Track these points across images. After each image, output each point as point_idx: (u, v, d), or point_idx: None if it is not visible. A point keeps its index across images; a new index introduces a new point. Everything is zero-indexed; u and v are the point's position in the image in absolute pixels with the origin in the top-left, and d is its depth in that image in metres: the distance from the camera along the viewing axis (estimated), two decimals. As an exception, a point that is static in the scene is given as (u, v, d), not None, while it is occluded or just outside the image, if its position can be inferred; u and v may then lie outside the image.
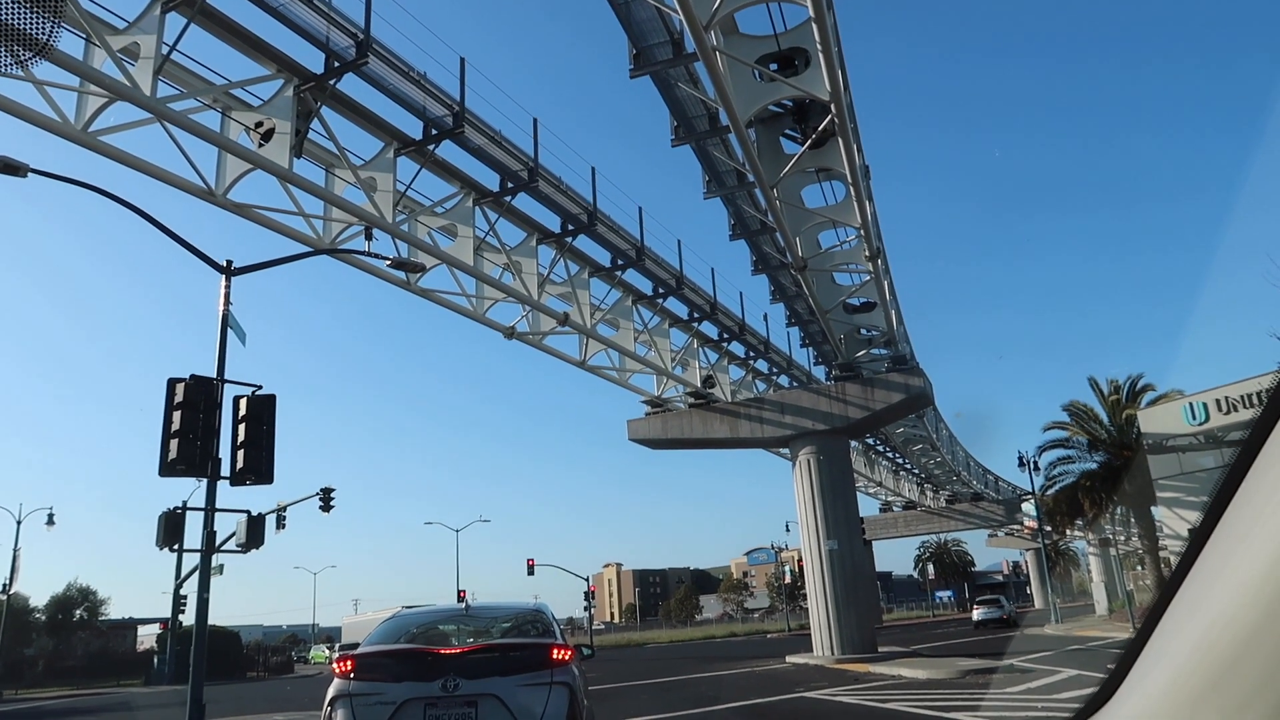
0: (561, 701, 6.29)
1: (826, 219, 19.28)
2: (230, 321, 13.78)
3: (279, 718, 17.77)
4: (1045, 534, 46.14)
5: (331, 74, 13.96)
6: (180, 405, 12.30)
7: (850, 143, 15.49)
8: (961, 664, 20.48)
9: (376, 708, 6.13)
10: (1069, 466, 38.71)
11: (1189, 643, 1.14)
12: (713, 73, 12.72)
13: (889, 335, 25.96)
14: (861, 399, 27.51)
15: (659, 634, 78.63)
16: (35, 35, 2.81)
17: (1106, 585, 52.48)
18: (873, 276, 21.57)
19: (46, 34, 2.88)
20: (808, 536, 27.31)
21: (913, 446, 48.38)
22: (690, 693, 19.13)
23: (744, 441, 30.36)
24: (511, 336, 22.04)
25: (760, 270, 24.75)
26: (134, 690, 41.48)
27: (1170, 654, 1.19)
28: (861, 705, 14.68)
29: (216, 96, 14.01)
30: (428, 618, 8.06)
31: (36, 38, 2.83)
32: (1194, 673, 1.12)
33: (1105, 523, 39.22)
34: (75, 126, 12.12)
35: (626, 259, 22.08)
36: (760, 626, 78.61)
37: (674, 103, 17.15)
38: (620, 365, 26.33)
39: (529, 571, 52.87)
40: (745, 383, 31.49)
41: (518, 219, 19.80)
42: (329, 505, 38.45)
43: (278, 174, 14.19)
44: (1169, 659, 1.19)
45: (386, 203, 15.85)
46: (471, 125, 16.08)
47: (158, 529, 13.38)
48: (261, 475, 12.93)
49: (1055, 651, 24.19)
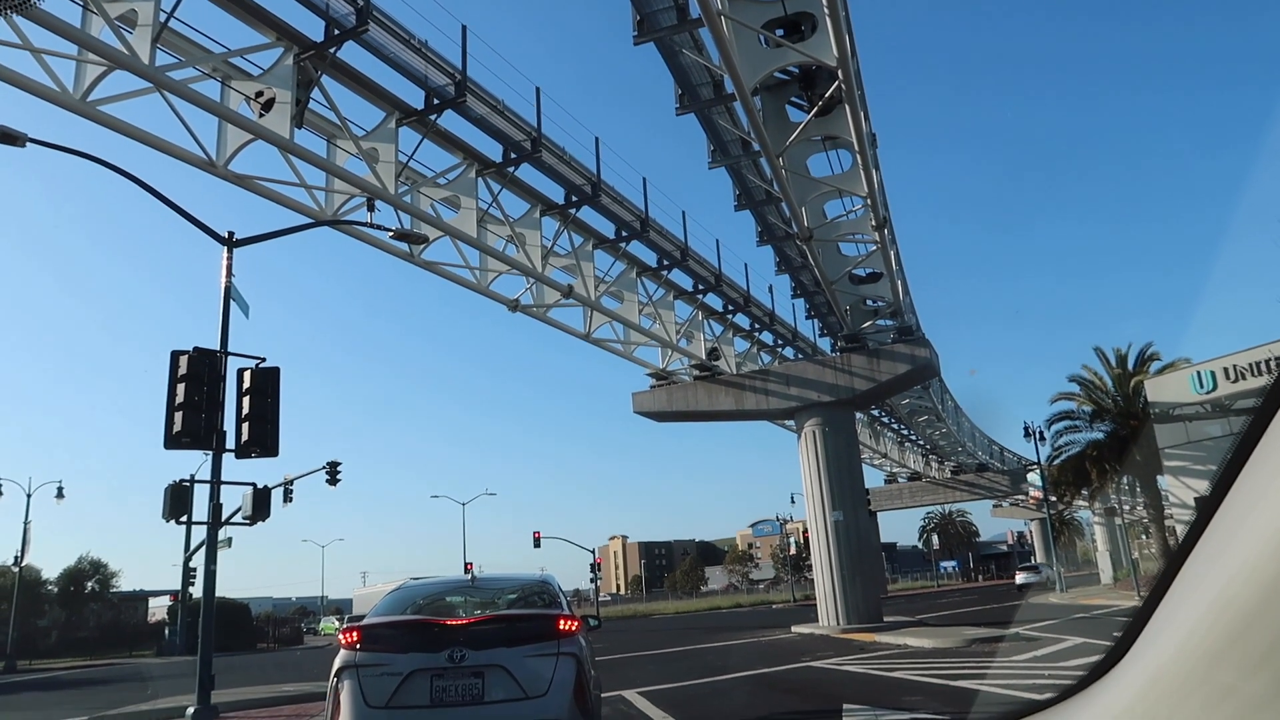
0: (568, 672, 6.27)
1: (833, 188, 19.08)
2: (233, 293, 13.72)
3: (288, 688, 17.92)
4: (1050, 504, 46.21)
5: (331, 42, 13.76)
6: (184, 378, 12.28)
7: (857, 110, 15.28)
8: (967, 633, 20.56)
9: (383, 679, 6.12)
10: (1075, 436, 38.65)
11: (1198, 608, 1.12)
12: (718, 38, 12.51)
13: (895, 306, 25.81)
14: (867, 370, 27.43)
15: (665, 605, 79.25)
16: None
17: (1111, 554, 52.69)
18: (879, 246, 21.39)
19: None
20: (813, 508, 27.36)
21: (918, 418, 48.34)
22: (696, 662, 19.25)
23: (749, 414, 30.33)
24: (516, 309, 21.95)
25: (766, 241, 24.56)
26: (146, 661, 41.97)
27: (1179, 620, 1.17)
28: (868, 674, 14.74)
29: (216, 65, 13.84)
30: (434, 589, 8.05)
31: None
32: (1204, 638, 1.10)
33: (1111, 492, 39.28)
34: (74, 95, 11.99)
35: (631, 230, 21.92)
36: (765, 598, 79.16)
37: (678, 70, 16.90)
38: (625, 338, 26.25)
39: (535, 544, 53.22)
40: (750, 355, 31.41)
41: (521, 190, 19.63)
42: (335, 479, 38.62)
43: (279, 144, 14.04)
44: (1178, 625, 1.17)
45: (389, 174, 15.70)
46: (474, 94, 15.88)
47: (164, 501, 13.43)
48: (267, 448, 12.94)
49: (1060, 620, 24.27)
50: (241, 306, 14.03)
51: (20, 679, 32.19)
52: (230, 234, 14.11)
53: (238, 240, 14.14)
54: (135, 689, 21.26)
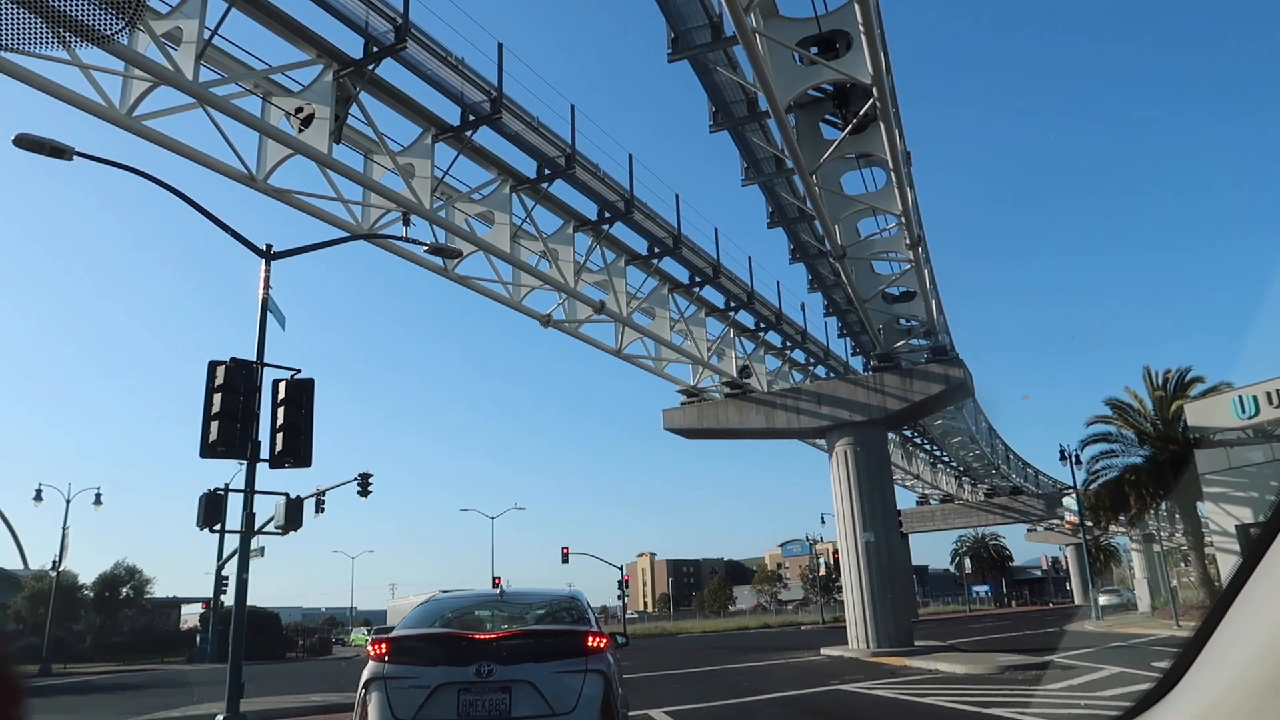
0: (596, 688, 6.23)
1: (866, 206, 18.97)
2: (270, 305, 13.91)
3: (316, 698, 18.01)
4: (1086, 529, 45.34)
5: (370, 59, 13.97)
6: (221, 388, 12.46)
7: (892, 127, 15.20)
8: (1000, 659, 20.16)
9: (411, 691, 6.12)
10: (1112, 461, 37.99)
11: (1255, 642, 1.07)
12: (752, 56, 12.52)
13: (929, 325, 25.56)
14: (900, 390, 27.16)
15: (692, 624, 78.72)
16: (105, 27, 2.77)
17: (1149, 582, 51.53)
18: (913, 265, 21.22)
19: (117, 28, 2.83)
20: (844, 528, 27.06)
21: (951, 439, 47.73)
22: (725, 683, 19.06)
23: (780, 432, 30.14)
24: (548, 324, 22.03)
25: (798, 259, 24.47)
26: (178, 667, 42.42)
27: (1232, 655, 1.13)
28: (899, 699, 14.50)
29: (257, 82, 14.10)
30: (463, 603, 8.05)
31: (105, 29, 2.78)
32: (1257, 674, 1.06)
33: (1149, 518, 38.43)
34: (120, 111, 12.26)
35: (663, 247, 21.94)
36: (794, 618, 78.38)
37: (712, 88, 16.94)
38: (656, 354, 26.23)
39: (563, 559, 53.27)
40: (782, 373, 31.25)
41: (555, 206, 19.75)
42: (367, 490, 38.97)
43: (317, 159, 14.25)
44: (1230, 660, 1.12)
45: (424, 189, 15.87)
46: (509, 111, 16.03)
47: (198, 510, 13.59)
48: (300, 459, 13.06)
49: (1097, 649, 23.74)
50: (278, 318, 14.22)
51: (55, 682, 32.66)
52: (268, 247, 14.33)
53: (275, 253, 14.35)
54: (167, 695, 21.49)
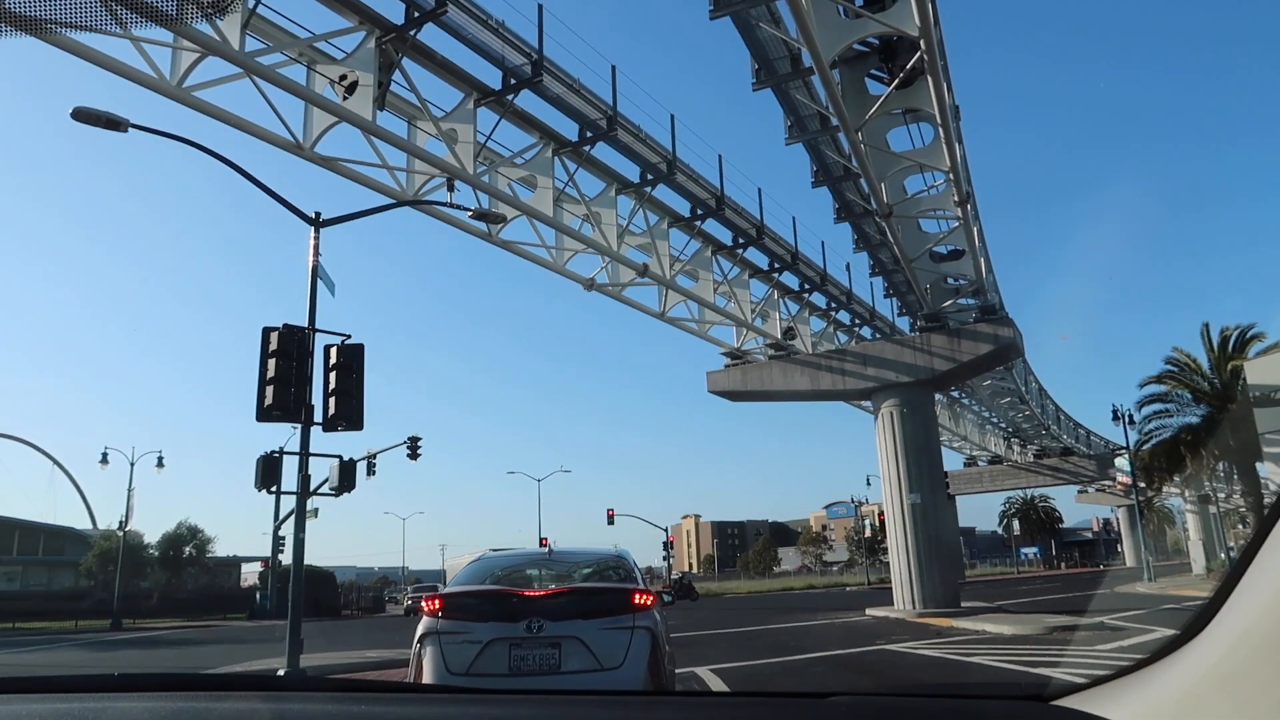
0: (643, 645, 6.35)
1: (913, 163, 18.61)
2: (320, 272, 14.15)
3: (372, 654, 18.59)
4: (1139, 490, 44.56)
5: (411, 24, 13.99)
6: (274, 353, 12.76)
7: (940, 81, 14.84)
8: (1048, 620, 20.04)
9: (464, 646, 6.30)
10: (1167, 420, 37.16)
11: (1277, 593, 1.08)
12: (795, 11, 12.28)
13: (977, 284, 25.10)
14: (947, 350, 26.79)
15: (737, 585, 79.36)
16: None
17: (1204, 544, 50.57)
18: (961, 223, 20.81)
19: None
20: (890, 490, 26.95)
21: (1000, 400, 47.01)
22: (770, 641, 19.25)
23: (825, 394, 29.97)
24: (591, 288, 22.09)
25: (843, 218, 24.12)
26: (239, 624, 44.04)
27: (1256, 602, 1.12)
28: (945, 658, 14.53)
29: (301, 50, 14.21)
30: (512, 561, 8.22)
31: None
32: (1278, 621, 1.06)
33: (1205, 479, 37.62)
34: (170, 82, 12.46)
35: (706, 209, 21.78)
36: (839, 580, 78.48)
37: (755, 44, 16.66)
38: (700, 317, 26.18)
39: (609, 521, 53.87)
40: (826, 334, 30.98)
41: (597, 169, 19.69)
42: (416, 454, 39.70)
43: (362, 126, 14.37)
44: (1254, 608, 1.12)
45: (467, 154, 15.93)
46: (550, 74, 15.95)
47: (256, 472, 13.99)
48: (352, 422, 13.36)
49: (1149, 610, 23.46)
50: (328, 285, 14.48)
51: (125, 637, 34.15)
52: (317, 214, 14.54)
53: (325, 220, 14.57)
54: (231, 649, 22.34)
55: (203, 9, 2.92)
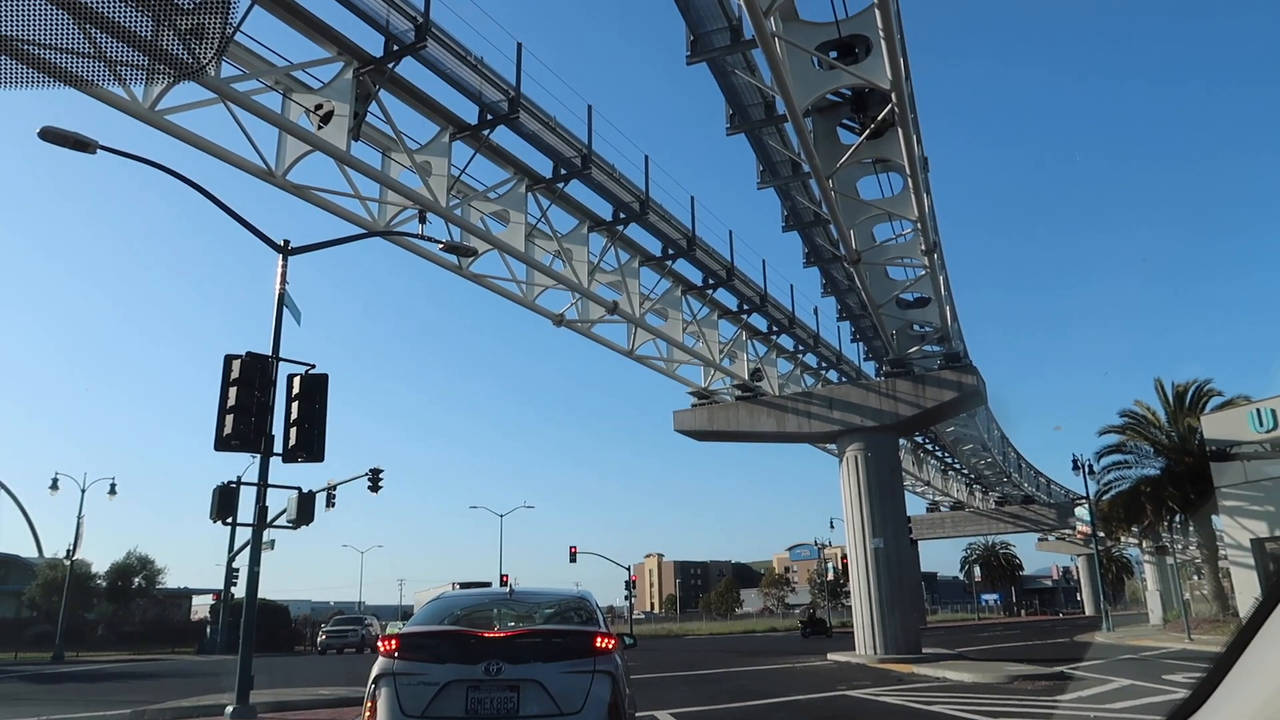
0: (604, 689, 6.24)
1: (883, 211, 18.92)
2: (286, 300, 13.99)
3: (325, 691, 18.09)
4: (1098, 540, 45.05)
5: (390, 57, 14.04)
6: (236, 381, 12.54)
7: (910, 133, 15.15)
8: (1009, 669, 20.06)
9: (420, 688, 6.15)
10: (1126, 472, 37.78)
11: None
12: (771, 60, 12.51)
13: (943, 331, 25.45)
14: (912, 396, 27.05)
15: (699, 626, 78.70)
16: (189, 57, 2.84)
17: (1162, 594, 51.12)
18: (928, 271, 21.14)
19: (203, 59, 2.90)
20: (853, 534, 26.98)
21: (963, 446, 47.51)
22: (731, 686, 19.04)
23: (791, 436, 30.07)
24: (560, 324, 22.07)
25: (812, 263, 24.42)
26: (187, 658, 42.70)
27: (1263, 672, 1.12)
28: (906, 706, 14.45)
29: (278, 78, 14.19)
30: (472, 600, 8.09)
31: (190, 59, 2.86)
32: None
33: (1162, 530, 38.15)
34: (143, 105, 12.36)
35: (677, 249, 21.95)
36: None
37: (730, 90, 16.93)
38: (668, 355, 26.24)
39: (571, 559, 53.23)
40: (794, 376, 31.19)
41: (570, 206, 19.79)
42: (378, 485, 39.15)
43: (336, 156, 14.34)
44: (1261, 677, 1.11)
45: (441, 187, 15.93)
46: (526, 111, 16.07)
47: (212, 502, 13.67)
48: (313, 453, 13.14)
49: (1107, 660, 23.58)
50: (294, 313, 14.31)
51: (67, 669, 32.94)
52: (285, 242, 14.42)
53: (293, 248, 14.44)
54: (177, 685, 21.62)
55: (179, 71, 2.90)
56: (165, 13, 2.68)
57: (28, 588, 50.05)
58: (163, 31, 2.75)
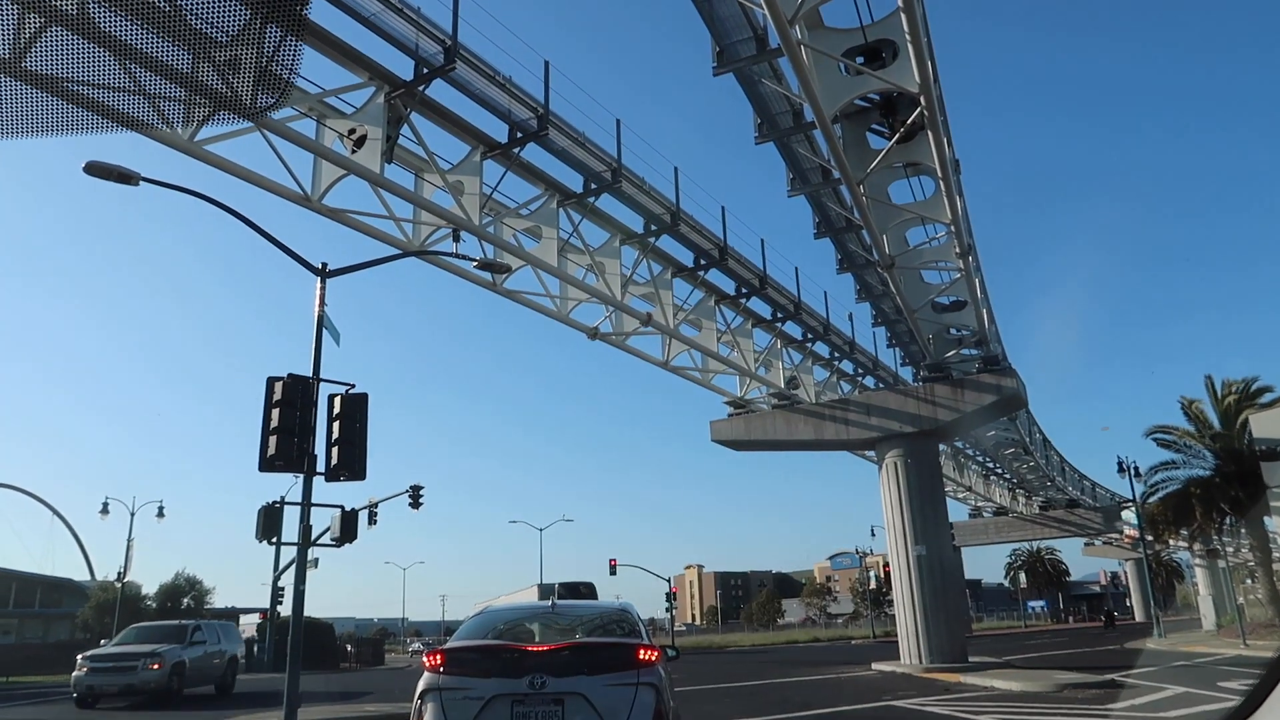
0: (648, 702, 6.25)
1: (915, 215, 18.77)
2: (325, 322, 14.21)
3: (371, 708, 18.26)
4: (1146, 544, 44.06)
5: (420, 80, 14.26)
6: (279, 403, 12.74)
7: (940, 136, 15.05)
8: (1058, 677, 19.68)
9: (465, 703, 6.20)
10: (1174, 473, 36.95)
11: None
12: (797, 68, 12.51)
13: (980, 335, 25.16)
14: (951, 400, 26.76)
15: (741, 637, 78.08)
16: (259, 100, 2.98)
17: (1214, 599, 49.87)
18: (963, 274, 20.93)
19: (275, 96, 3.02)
20: (895, 541, 26.69)
21: (1004, 450, 46.79)
22: (776, 697, 18.90)
23: (829, 443, 29.87)
24: (595, 337, 22.17)
25: (845, 269, 24.29)
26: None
27: None
28: (953, 717, 14.24)
29: (312, 105, 14.46)
30: (515, 615, 8.12)
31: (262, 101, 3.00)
32: None
33: (1213, 533, 37.22)
34: (183, 136, 12.66)
35: (709, 259, 21.96)
36: (844, 632, 77.30)
37: (757, 99, 16.96)
38: (703, 366, 26.21)
39: (611, 571, 53.21)
40: (830, 384, 30.98)
41: (601, 220, 19.90)
42: (418, 502, 39.50)
43: (370, 179, 14.58)
44: None
45: (473, 205, 16.12)
46: (555, 127, 16.22)
47: (257, 522, 13.90)
48: (355, 472, 13.29)
49: (1159, 667, 23.04)
50: (333, 334, 14.52)
51: (119, 690, 33.46)
52: (323, 265, 14.66)
53: (330, 271, 14.68)
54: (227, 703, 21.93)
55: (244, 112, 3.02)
56: (234, 59, 2.78)
57: (81, 610, 51.16)
58: (230, 75, 2.85)
